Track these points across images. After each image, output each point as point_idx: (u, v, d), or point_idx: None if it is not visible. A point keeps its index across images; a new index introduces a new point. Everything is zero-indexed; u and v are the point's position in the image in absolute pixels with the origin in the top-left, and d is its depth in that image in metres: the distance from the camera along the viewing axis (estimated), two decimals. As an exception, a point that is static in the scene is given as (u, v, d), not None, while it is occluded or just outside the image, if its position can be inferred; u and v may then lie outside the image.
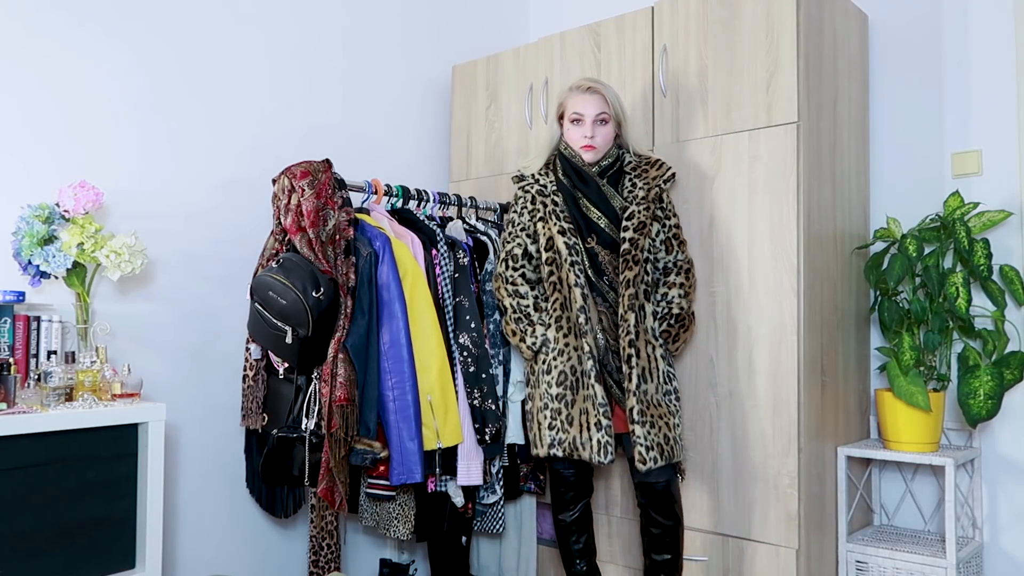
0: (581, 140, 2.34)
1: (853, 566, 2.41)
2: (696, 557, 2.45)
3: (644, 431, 2.17)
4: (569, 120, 2.37)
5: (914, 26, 2.66)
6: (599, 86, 2.35)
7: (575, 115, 2.35)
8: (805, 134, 2.33)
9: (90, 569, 1.92)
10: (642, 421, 2.18)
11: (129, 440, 1.99)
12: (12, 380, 1.85)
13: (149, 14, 2.42)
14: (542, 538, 2.85)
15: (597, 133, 2.34)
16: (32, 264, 2.03)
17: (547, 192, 2.37)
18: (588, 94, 2.34)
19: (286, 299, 2.12)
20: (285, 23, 2.78)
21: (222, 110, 2.59)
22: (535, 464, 2.65)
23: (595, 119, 2.34)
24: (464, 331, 2.43)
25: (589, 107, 2.34)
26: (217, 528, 2.54)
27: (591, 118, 2.33)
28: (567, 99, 2.38)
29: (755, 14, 2.42)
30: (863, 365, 2.65)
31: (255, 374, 2.36)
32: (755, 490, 2.36)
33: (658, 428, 2.21)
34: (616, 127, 2.38)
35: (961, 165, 2.55)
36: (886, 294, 2.46)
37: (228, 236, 2.57)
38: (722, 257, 2.44)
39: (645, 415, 2.19)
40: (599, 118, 2.34)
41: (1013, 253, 2.46)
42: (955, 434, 2.53)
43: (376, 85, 3.06)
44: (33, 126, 2.19)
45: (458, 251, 2.51)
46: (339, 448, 2.18)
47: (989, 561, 2.48)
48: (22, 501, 1.81)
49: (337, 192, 2.31)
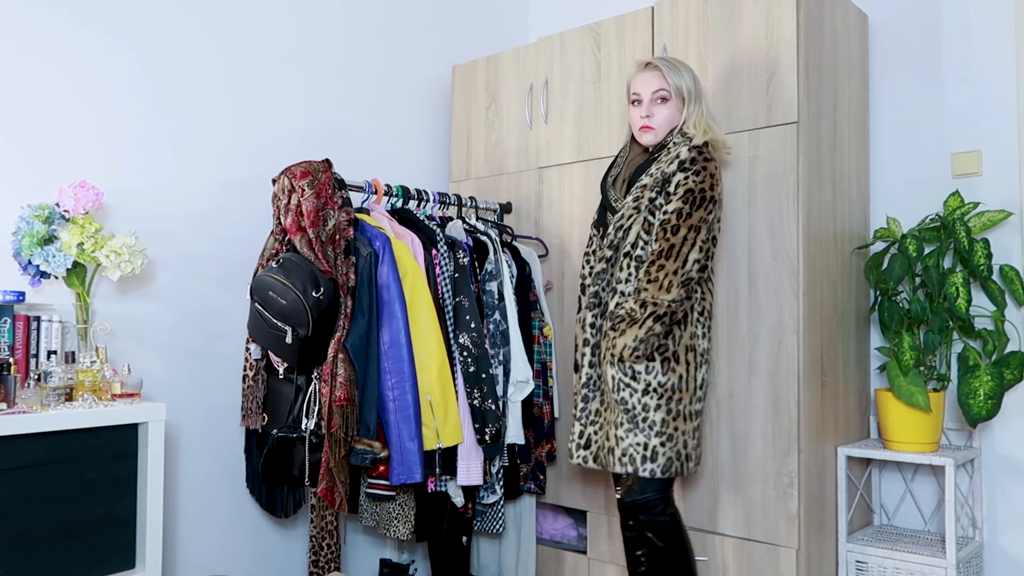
0: (638, 121, 2.21)
1: (853, 566, 2.41)
2: (696, 557, 2.44)
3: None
4: (630, 103, 2.25)
5: (914, 26, 2.66)
6: (660, 61, 2.20)
7: (633, 95, 2.23)
8: (805, 134, 2.33)
9: (90, 569, 1.92)
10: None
11: (129, 440, 1.99)
12: (12, 380, 1.85)
13: (151, 14, 2.42)
14: (542, 538, 2.85)
15: (655, 112, 2.19)
16: (32, 264, 2.03)
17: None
18: (647, 71, 2.21)
19: (286, 299, 2.12)
20: (285, 23, 2.78)
21: (222, 110, 2.59)
22: (535, 464, 2.65)
23: (653, 98, 2.19)
24: (464, 331, 2.43)
25: (645, 85, 2.19)
26: (217, 528, 2.54)
27: (648, 97, 2.19)
28: (631, 79, 2.26)
29: (755, 14, 2.42)
30: (863, 365, 2.65)
31: (255, 374, 2.36)
32: (755, 490, 2.36)
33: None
34: (681, 104, 2.20)
35: (961, 165, 2.55)
36: (886, 294, 2.46)
37: (228, 236, 2.57)
38: (722, 257, 2.44)
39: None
40: (658, 96, 2.19)
41: (1013, 253, 2.46)
42: (955, 434, 2.53)
43: (376, 85, 3.06)
44: (33, 126, 2.19)
45: (458, 251, 2.51)
46: (339, 448, 2.18)
47: (989, 561, 2.48)
48: (22, 501, 1.81)
49: (337, 192, 2.31)
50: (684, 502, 2.49)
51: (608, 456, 2.14)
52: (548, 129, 2.92)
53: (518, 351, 2.54)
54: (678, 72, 2.18)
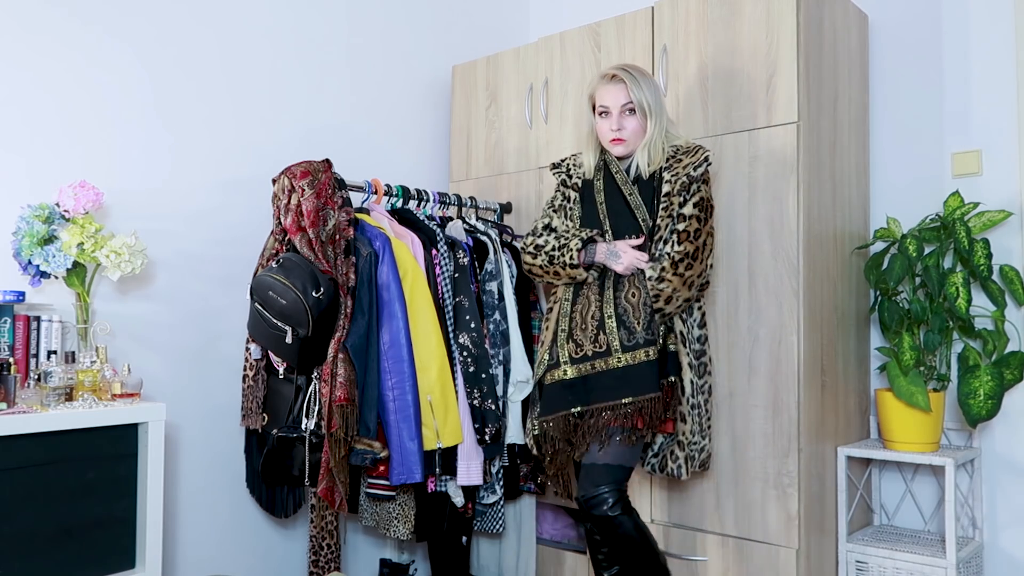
0: (609, 134, 2.20)
1: (853, 566, 2.41)
2: (696, 557, 2.45)
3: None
4: (597, 113, 2.23)
5: (914, 26, 2.66)
6: (623, 73, 2.18)
7: (601, 108, 2.21)
8: (805, 134, 2.33)
9: (90, 569, 1.92)
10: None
11: (129, 440, 1.99)
12: (12, 380, 1.85)
13: (152, 14, 2.42)
14: (542, 538, 2.85)
15: (625, 125, 2.18)
16: (32, 264, 2.03)
17: (569, 184, 2.30)
18: (612, 84, 2.19)
19: (286, 299, 2.12)
20: (286, 23, 2.78)
21: (223, 110, 2.59)
22: (535, 464, 2.65)
23: (622, 110, 2.18)
24: (464, 331, 2.43)
25: (612, 98, 2.18)
26: (217, 528, 2.54)
27: (617, 110, 2.18)
28: (595, 89, 2.23)
29: (755, 14, 2.42)
30: (863, 365, 2.65)
31: (255, 374, 2.36)
32: (755, 490, 2.36)
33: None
34: (644, 118, 2.19)
35: (961, 165, 2.55)
36: (886, 294, 2.46)
37: (228, 236, 2.57)
38: (722, 257, 2.44)
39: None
40: (626, 108, 2.18)
41: (1013, 253, 2.46)
42: (955, 434, 2.53)
43: (376, 85, 3.06)
44: (33, 125, 2.19)
45: (458, 251, 2.51)
46: (339, 448, 2.18)
47: (989, 561, 2.48)
48: (22, 501, 1.81)
49: (337, 192, 2.31)
50: (684, 502, 2.49)
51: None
52: (548, 129, 2.92)
53: (518, 351, 2.54)
54: (639, 86, 2.16)
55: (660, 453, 2.22)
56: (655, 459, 2.23)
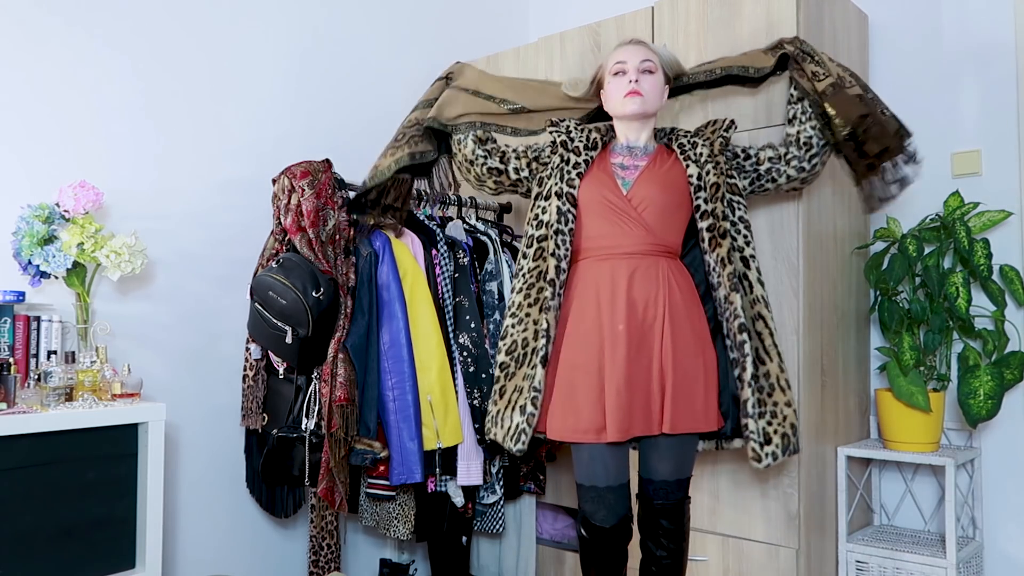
0: (624, 88, 1.97)
1: (853, 566, 2.41)
2: (696, 557, 2.45)
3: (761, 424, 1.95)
4: (611, 74, 2.01)
5: (914, 26, 2.66)
6: (646, 42, 2.06)
7: (617, 64, 2.00)
8: (805, 134, 2.33)
9: (90, 569, 1.92)
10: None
11: (129, 440, 1.99)
12: (12, 380, 1.85)
13: (152, 14, 2.41)
14: (542, 538, 2.85)
15: (644, 80, 1.98)
16: (32, 264, 2.03)
17: (571, 147, 2.06)
18: (630, 44, 2.04)
19: (286, 299, 2.12)
20: (285, 23, 2.78)
21: (223, 110, 2.59)
22: (535, 464, 2.65)
23: (641, 68, 1.99)
24: (464, 331, 2.43)
25: (632, 55, 2.00)
26: (217, 528, 2.54)
27: (635, 65, 1.98)
28: (610, 54, 2.06)
29: (755, 14, 2.42)
30: (863, 365, 2.65)
31: (255, 374, 2.36)
32: (755, 490, 2.36)
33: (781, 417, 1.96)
34: (666, 82, 2.04)
35: (961, 165, 2.55)
36: (886, 294, 2.46)
37: (228, 236, 2.57)
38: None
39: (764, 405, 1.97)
40: (645, 67, 1.99)
41: (1013, 253, 2.46)
42: (955, 434, 2.53)
43: (376, 85, 3.06)
44: (33, 126, 2.18)
45: (458, 251, 2.51)
46: (339, 448, 2.18)
47: (989, 561, 2.48)
48: (22, 501, 1.81)
49: (337, 192, 2.31)
50: (684, 502, 2.49)
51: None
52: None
53: (518, 351, 2.54)
54: (659, 53, 2.07)
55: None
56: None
